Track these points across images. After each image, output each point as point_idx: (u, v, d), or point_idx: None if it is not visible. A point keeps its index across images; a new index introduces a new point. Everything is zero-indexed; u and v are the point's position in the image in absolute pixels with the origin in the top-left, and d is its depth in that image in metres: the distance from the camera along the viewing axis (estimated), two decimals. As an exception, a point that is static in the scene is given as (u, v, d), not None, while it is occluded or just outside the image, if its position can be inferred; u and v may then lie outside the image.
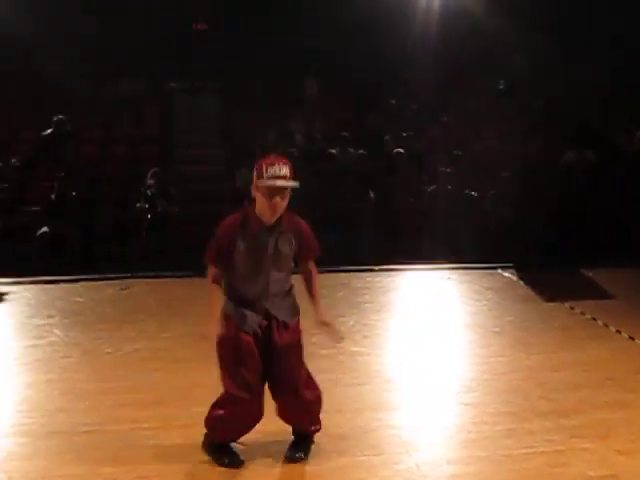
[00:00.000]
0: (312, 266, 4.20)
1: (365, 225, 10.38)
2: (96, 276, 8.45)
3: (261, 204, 3.88)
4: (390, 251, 10.00)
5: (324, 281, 8.15)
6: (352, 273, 8.82)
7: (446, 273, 9.01)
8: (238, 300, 3.98)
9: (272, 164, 3.84)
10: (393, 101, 13.39)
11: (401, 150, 11.68)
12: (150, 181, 9.81)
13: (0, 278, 8.37)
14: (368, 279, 8.60)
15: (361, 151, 11.72)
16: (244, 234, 3.90)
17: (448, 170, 11.09)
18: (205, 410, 4.60)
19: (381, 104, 13.43)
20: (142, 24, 14.67)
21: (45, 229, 9.82)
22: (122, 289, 7.99)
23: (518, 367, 5.50)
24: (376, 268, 9.05)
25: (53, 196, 10.07)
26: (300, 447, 4.15)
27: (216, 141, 13.49)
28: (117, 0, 14.70)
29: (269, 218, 3.89)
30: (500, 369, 5.46)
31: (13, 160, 11.62)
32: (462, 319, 7.03)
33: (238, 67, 14.91)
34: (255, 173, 3.90)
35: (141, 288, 7.98)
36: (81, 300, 7.59)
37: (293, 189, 3.88)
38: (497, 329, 6.52)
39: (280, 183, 3.80)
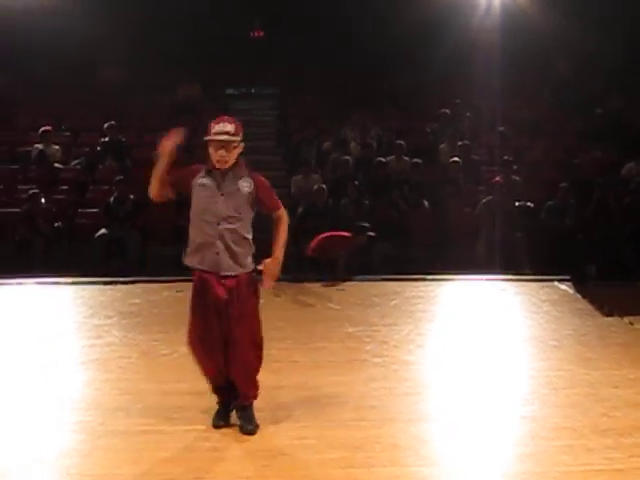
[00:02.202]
0: (279, 216, 4.50)
1: (419, 234, 10.33)
2: (153, 278, 8.56)
3: (211, 157, 4.36)
4: (444, 260, 9.94)
5: (377, 289, 8.31)
6: (405, 282, 8.77)
7: (501, 284, 8.90)
8: (196, 242, 4.45)
9: (217, 122, 4.35)
10: (447, 110, 13.30)
11: (457, 159, 11.60)
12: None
13: (60, 278, 8.55)
14: (422, 288, 8.53)
15: (416, 159, 11.66)
16: (205, 174, 4.39)
17: (502, 180, 10.96)
18: (260, 414, 4.66)
19: (436, 112, 13.37)
20: (199, 31, 14.91)
21: (104, 231, 10.01)
22: (178, 291, 8.07)
23: (578, 382, 5.39)
24: (430, 277, 8.98)
25: (111, 199, 10.25)
26: (245, 423, 4.44)
27: (271, 147, 13.59)
28: (175, 7, 14.97)
29: (221, 167, 4.35)
30: (559, 384, 5.35)
31: (73, 163, 11.90)
32: (518, 331, 6.92)
33: (294, 73, 15.04)
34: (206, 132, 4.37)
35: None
36: (138, 302, 7.69)
37: None
38: (555, 343, 6.39)
39: (220, 137, 4.29)
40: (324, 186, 10.49)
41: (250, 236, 4.43)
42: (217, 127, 4.32)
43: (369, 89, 14.41)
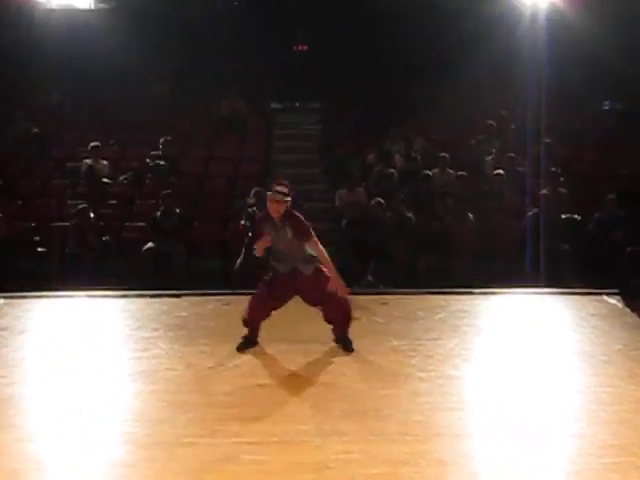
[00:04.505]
0: (311, 242, 6.21)
1: (464, 247, 10.26)
2: (199, 291, 8.65)
3: (269, 207, 6.21)
4: (490, 274, 9.85)
5: (422, 303, 8.27)
6: (450, 295, 8.70)
7: (548, 298, 8.78)
8: (275, 260, 6.31)
9: (278, 184, 6.20)
10: (492, 122, 13.22)
11: (501, 172, 11.51)
12: (252, 200, 9.99)
13: (108, 291, 8.69)
14: (467, 302, 8.44)
15: (461, 172, 11.61)
16: (267, 225, 6.24)
17: (548, 192, 10.84)
18: (305, 427, 4.68)
19: (481, 124, 13.31)
20: (243, 46, 15.08)
21: (150, 245, 10.15)
22: (224, 304, 8.14)
23: (627, 398, 5.28)
24: (475, 291, 8.90)
25: (158, 213, 10.40)
26: (345, 344, 6.31)
27: (314, 160, 13.64)
28: (219, 24, 15.19)
29: (275, 217, 6.18)
30: (608, 400, 5.25)
31: (121, 177, 12.10)
32: (567, 346, 6.81)
33: (337, 87, 15.10)
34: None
35: (242, 304, 8.07)
36: (184, 314, 7.75)
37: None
38: (605, 358, 6.26)
39: (277, 197, 6.15)
40: (381, 200, 10.48)
41: (307, 253, 6.24)
42: (277, 187, 6.14)
43: (413, 101, 14.39)
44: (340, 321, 6.32)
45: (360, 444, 4.46)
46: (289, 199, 6.21)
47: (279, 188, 6.17)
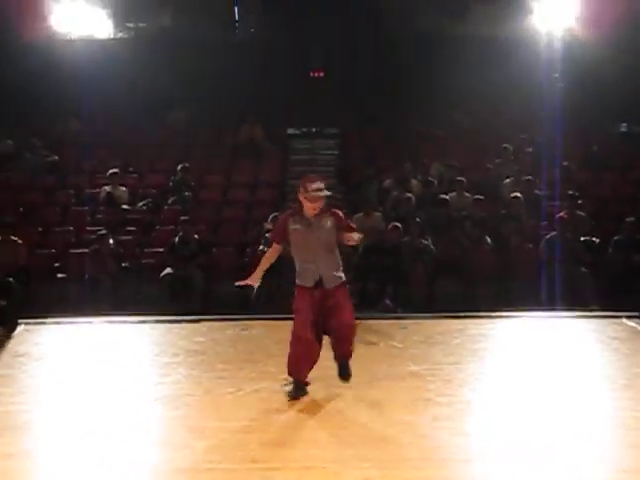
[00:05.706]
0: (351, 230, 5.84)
1: (481, 270, 10.23)
2: (217, 317, 8.68)
3: (306, 207, 5.73)
4: (508, 297, 9.81)
5: (439, 327, 8.25)
6: (469, 319, 8.67)
7: (567, 321, 8.73)
8: (301, 269, 5.78)
9: (313, 181, 5.73)
10: (508, 145, 13.23)
11: (518, 195, 11.50)
12: (269, 225, 10.04)
13: (127, 317, 8.74)
14: (485, 326, 8.41)
15: (478, 196, 11.60)
16: (296, 221, 5.76)
17: (567, 215, 10.80)
18: (324, 453, 4.66)
19: (498, 148, 13.32)
20: (261, 72, 15.22)
21: (169, 270, 10.21)
22: (242, 330, 8.16)
23: (650, 422, 5.23)
24: (494, 314, 8.86)
25: (176, 239, 10.46)
26: (344, 371, 5.89)
27: (332, 185, 13.67)
28: (236, 50, 15.35)
29: (312, 214, 5.72)
30: (631, 424, 5.18)
31: (140, 204, 12.20)
32: (587, 369, 6.76)
33: (354, 113, 15.19)
34: (301, 188, 5.74)
35: (260, 329, 8.13)
36: (203, 340, 7.77)
37: None
38: (626, 382, 6.20)
39: (320, 194, 5.69)
40: (399, 224, 10.50)
41: (336, 257, 5.85)
42: (313, 185, 5.68)
43: (429, 127, 14.44)
44: (342, 349, 5.92)
45: (379, 470, 4.42)
46: (327, 193, 5.77)
47: (317, 185, 5.68)
